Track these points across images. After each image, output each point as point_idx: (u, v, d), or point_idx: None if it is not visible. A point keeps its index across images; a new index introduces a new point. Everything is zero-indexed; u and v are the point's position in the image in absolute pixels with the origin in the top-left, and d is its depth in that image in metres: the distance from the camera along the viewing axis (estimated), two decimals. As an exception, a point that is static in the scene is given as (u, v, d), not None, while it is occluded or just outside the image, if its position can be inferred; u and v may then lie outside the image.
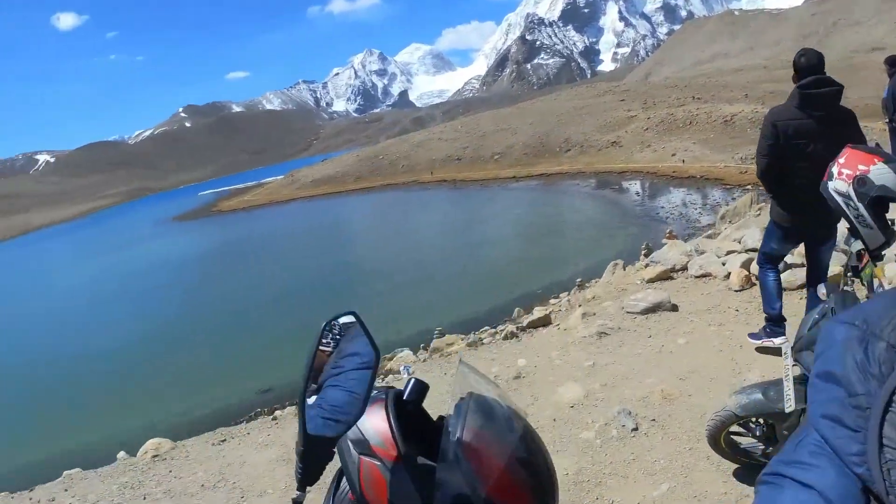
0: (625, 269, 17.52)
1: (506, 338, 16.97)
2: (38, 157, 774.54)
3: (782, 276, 9.84)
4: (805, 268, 9.08)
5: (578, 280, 32.65)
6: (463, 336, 28.13)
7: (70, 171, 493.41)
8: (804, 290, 10.13)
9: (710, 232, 30.18)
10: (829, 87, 6.72)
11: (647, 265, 14.54)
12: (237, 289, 62.73)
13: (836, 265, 9.77)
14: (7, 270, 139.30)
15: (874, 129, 54.17)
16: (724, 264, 13.33)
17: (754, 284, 12.25)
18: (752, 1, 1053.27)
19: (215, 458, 12.76)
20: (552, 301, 26.16)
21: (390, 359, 28.69)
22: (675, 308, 12.04)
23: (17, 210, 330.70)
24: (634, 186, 79.74)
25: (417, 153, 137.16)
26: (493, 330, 25.59)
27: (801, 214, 7.37)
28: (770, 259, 8.24)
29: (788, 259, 11.61)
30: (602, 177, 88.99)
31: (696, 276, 13.34)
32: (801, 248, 9.75)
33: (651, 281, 13.86)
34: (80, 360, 46.68)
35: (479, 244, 58.70)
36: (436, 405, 2.39)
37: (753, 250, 13.10)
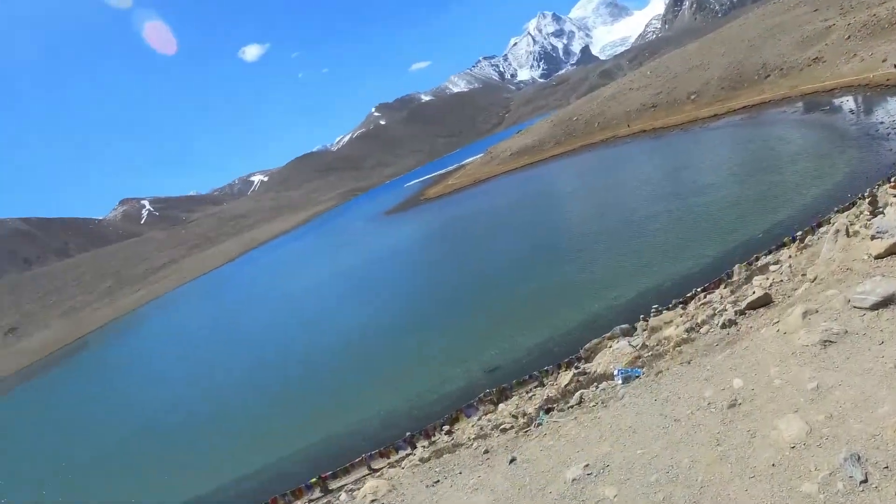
0: (848, 235, 14.64)
1: (723, 326, 16.14)
2: (252, 178, 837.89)
3: None
4: None
5: (798, 233, 31.43)
6: (682, 310, 28.00)
7: (283, 185, 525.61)
8: None
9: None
10: None
11: (873, 237, 11.94)
12: (448, 276, 65.82)
13: None
14: (252, 280, 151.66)
15: None
16: (968, 225, 10.20)
17: None
18: None
19: (429, 502, 13.85)
20: (772, 267, 24.82)
21: (610, 339, 29.07)
22: (912, 299, 9.67)
23: (243, 228, 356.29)
24: (847, 103, 74.56)
25: (611, 108, 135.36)
26: (712, 308, 23.77)
27: None
28: None
29: None
30: (809, 98, 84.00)
31: None
32: None
33: (880, 257, 11.56)
34: (309, 366, 50.81)
35: (686, 195, 57.54)
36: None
37: None
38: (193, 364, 73.82)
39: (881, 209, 18.19)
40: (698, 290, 31.35)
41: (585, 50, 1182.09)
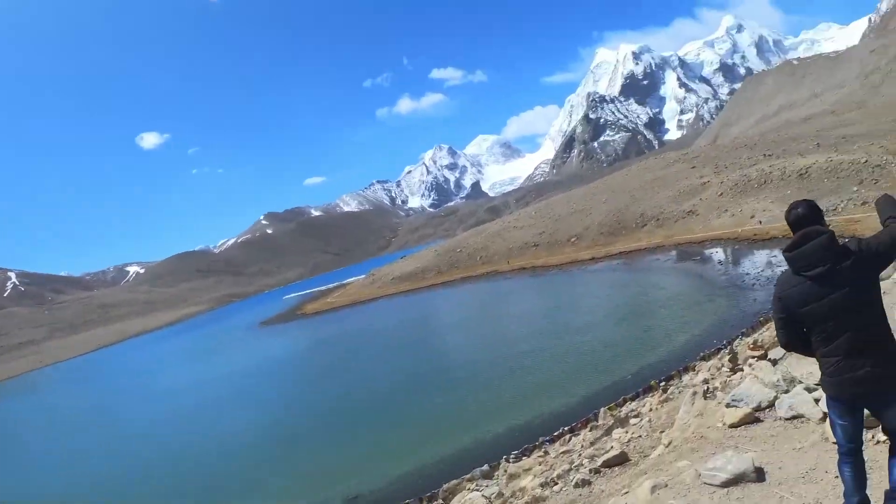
0: (705, 398, 14.85)
1: (577, 485, 15.47)
2: (128, 268, 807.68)
3: None
4: None
5: (662, 383, 31.88)
6: (542, 456, 27.54)
7: (160, 280, 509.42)
8: None
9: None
10: (814, 239, 5.69)
11: (728, 404, 12.11)
12: (315, 395, 63.13)
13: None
14: (116, 373, 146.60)
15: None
16: (817, 402, 10.89)
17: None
18: (808, 47, 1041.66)
19: None
20: (633, 420, 24.81)
21: (469, 480, 28.28)
22: (760, 476, 9.36)
23: (114, 319, 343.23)
24: (717, 255, 78.20)
25: (495, 243, 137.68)
26: (570, 460, 23.50)
27: (840, 379, 5.89)
28: (842, 452, 6.31)
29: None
30: (682, 248, 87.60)
31: (786, 419, 10.86)
32: None
33: (734, 426, 11.58)
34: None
35: (561, 333, 57.88)
36: None
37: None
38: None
39: (740, 366, 18.36)
40: (565, 428, 30.92)
41: (476, 185, 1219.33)
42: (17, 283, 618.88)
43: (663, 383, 31.64)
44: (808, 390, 11.08)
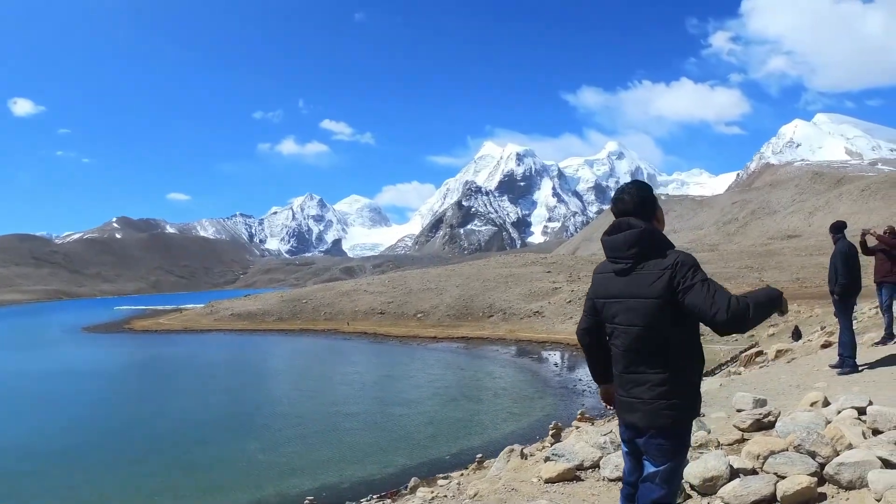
0: (523, 457, 13.85)
1: None
2: None
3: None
4: None
5: (479, 456, 31.81)
6: None
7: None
8: None
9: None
10: (626, 230, 5.25)
11: (547, 458, 10.82)
12: (121, 415, 58.73)
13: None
14: None
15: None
16: (647, 465, 10.48)
17: (677, 490, 10.10)
18: (678, 187, 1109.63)
19: None
20: (441, 482, 24.16)
21: None
22: (574, 537, 8.66)
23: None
24: (554, 357, 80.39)
25: (342, 302, 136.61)
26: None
27: (618, 398, 5.40)
28: (623, 492, 5.66)
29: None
30: (523, 345, 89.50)
31: (612, 479, 9.64)
32: None
33: (551, 481, 10.21)
34: None
35: (390, 403, 57.45)
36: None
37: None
38: None
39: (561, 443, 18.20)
40: (373, 496, 30.07)
41: (337, 242, 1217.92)
42: None
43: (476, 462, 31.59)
44: (640, 453, 10.28)
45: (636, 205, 5.28)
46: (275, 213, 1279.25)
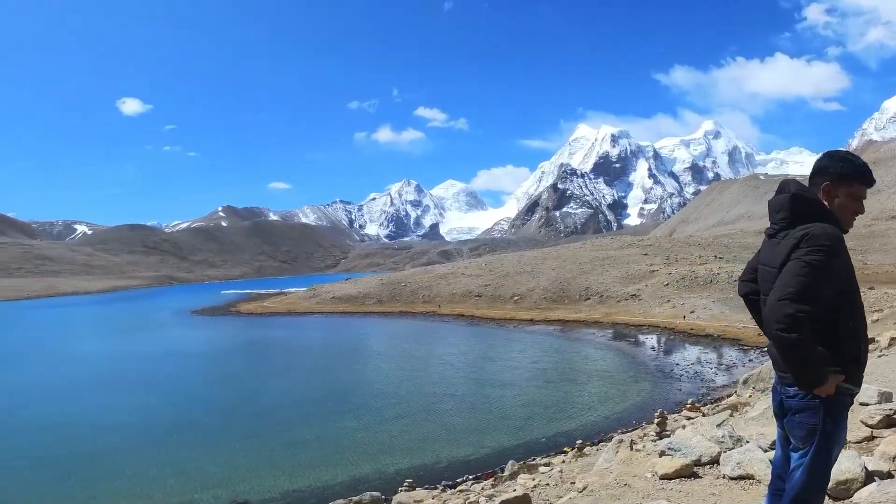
0: (632, 449, 12.71)
1: None
2: (76, 226, 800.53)
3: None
4: None
5: (578, 442, 32.04)
6: (438, 491, 27.34)
7: (104, 246, 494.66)
8: None
9: (731, 399, 26.30)
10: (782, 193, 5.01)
11: (662, 452, 10.08)
12: (229, 393, 61.99)
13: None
14: (23, 325, 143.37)
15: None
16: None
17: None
18: (777, 166, 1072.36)
19: None
20: (542, 468, 24.21)
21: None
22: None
23: (48, 273, 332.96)
24: (650, 340, 79.48)
25: (439, 285, 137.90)
26: (465, 498, 23.07)
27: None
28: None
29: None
30: (619, 328, 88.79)
31: (732, 478, 8.90)
32: None
33: (667, 478, 9.45)
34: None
35: (485, 384, 58.14)
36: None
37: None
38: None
39: (668, 432, 17.44)
40: (469, 477, 30.71)
41: (435, 227, 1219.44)
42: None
43: (576, 447, 31.48)
44: (762, 450, 9.31)
45: (812, 171, 5.07)
46: (373, 199, 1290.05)
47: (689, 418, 19.10)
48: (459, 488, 26.68)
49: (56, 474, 37.63)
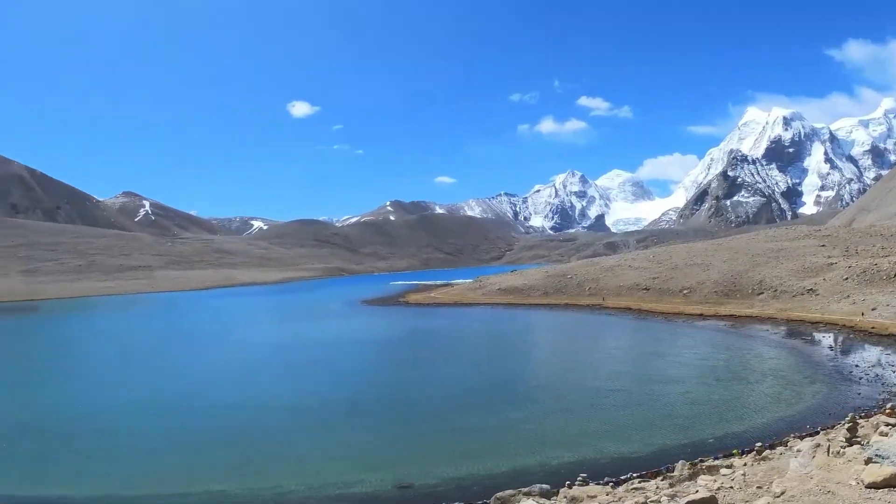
0: (829, 453, 12.30)
1: None
2: (253, 222, 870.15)
3: None
4: None
5: (758, 444, 30.94)
6: (609, 487, 27.16)
7: (278, 240, 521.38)
8: None
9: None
10: None
11: (869, 459, 9.56)
12: (397, 379, 64.88)
13: None
14: (208, 311, 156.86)
15: None
16: None
17: None
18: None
19: None
20: (724, 470, 23.27)
21: (527, 494, 27.67)
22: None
23: (226, 265, 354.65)
24: (827, 339, 75.53)
25: (605, 277, 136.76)
26: (644, 496, 22.74)
27: None
28: None
29: None
30: (794, 325, 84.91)
31: None
32: None
33: (875, 486, 8.87)
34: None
35: (651, 380, 57.43)
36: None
37: None
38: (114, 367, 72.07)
39: (858, 439, 16.77)
40: (634, 475, 30.52)
41: (600, 218, 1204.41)
42: (150, 211, 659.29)
43: (751, 450, 30.17)
44: None
45: None
46: (537, 190, 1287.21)
47: (888, 424, 18.10)
48: (633, 486, 26.34)
49: (234, 451, 40.96)
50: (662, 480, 26.91)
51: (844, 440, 17.06)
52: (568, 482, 28.37)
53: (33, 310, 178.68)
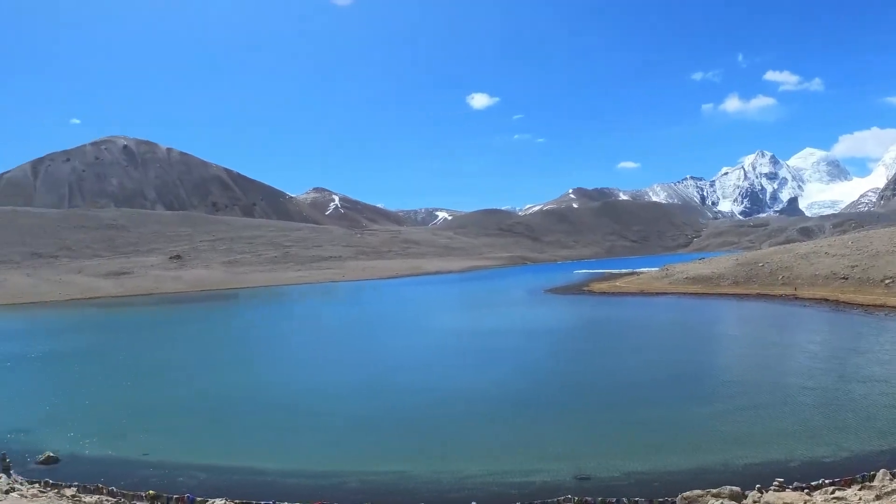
0: None
1: None
2: (437, 213, 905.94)
3: None
4: None
5: None
6: (805, 494, 26.18)
7: (462, 229, 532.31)
8: None
9: None
10: None
11: None
12: (580, 370, 65.13)
13: None
14: (397, 300, 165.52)
15: None
16: None
17: None
18: None
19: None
20: None
21: (715, 496, 27.08)
22: None
23: (413, 255, 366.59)
24: None
25: (800, 265, 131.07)
26: (845, 499, 22.02)
27: None
28: None
29: None
30: None
31: None
32: None
33: None
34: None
35: (848, 378, 54.99)
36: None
37: None
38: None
39: None
40: (826, 481, 29.47)
41: (793, 201, 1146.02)
42: (339, 205, 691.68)
43: None
44: None
45: None
46: (725, 173, 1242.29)
47: None
48: (833, 495, 25.29)
49: (417, 434, 43.60)
50: (861, 489, 25.79)
51: None
52: (758, 486, 28.06)
53: (234, 297, 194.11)
